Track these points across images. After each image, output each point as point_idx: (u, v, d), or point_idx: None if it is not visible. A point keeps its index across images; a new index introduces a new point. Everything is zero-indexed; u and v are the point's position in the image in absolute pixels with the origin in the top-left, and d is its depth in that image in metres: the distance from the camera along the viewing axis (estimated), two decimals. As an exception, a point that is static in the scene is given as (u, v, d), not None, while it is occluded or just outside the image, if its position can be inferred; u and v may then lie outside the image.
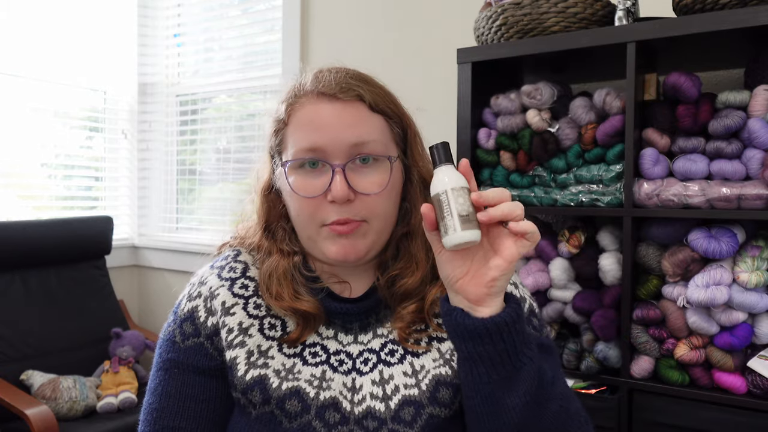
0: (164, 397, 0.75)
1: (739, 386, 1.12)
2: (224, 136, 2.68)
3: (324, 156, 0.72)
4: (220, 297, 0.77)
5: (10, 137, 2.41)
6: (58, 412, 1.88)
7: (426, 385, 0.74)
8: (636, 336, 1.21)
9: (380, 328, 0.78)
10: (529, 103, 1.34)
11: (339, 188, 0.70)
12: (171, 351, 0.77)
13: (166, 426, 0.74)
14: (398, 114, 0.77)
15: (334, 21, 2.15)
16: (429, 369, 0.75)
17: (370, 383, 0.74)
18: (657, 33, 1.15)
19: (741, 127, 1.13)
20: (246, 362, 0.73)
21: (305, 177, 0.73)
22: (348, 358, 0.76)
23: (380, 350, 0.77)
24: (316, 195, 0.72)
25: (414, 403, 0.73)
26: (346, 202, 0.71)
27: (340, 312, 0.77)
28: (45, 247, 2.25)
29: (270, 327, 0.76)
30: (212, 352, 0.76)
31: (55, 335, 2.19)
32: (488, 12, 1.37)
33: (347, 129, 0.71)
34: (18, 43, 2.40)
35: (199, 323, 0.77)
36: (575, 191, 1.30)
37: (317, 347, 0.76)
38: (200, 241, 2.63)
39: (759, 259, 1.12)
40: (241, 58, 2.57)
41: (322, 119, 0.72)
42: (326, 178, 0.72)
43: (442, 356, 0.76)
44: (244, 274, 0.79)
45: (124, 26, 2.74)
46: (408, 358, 0.76)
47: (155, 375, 0.78)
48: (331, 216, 0.72)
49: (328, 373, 0.74)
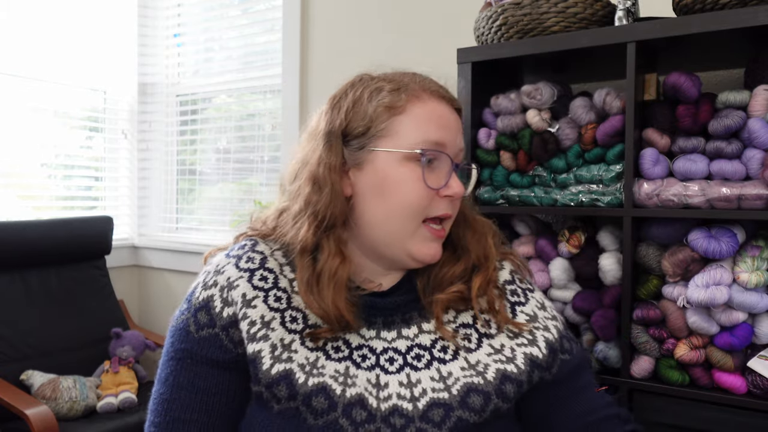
0: (176, 388, 0.73)
1: (739, 386, 1.12)
2: (224, 136, 2.68)
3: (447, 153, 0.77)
4: (240, 289, 0.74)
5: (10, 137, 2.41)
6: (58, 412, 1.89)
7: (457, 390, 0.73)
8: (636, 336, 1.21)
9: (405, 329, 0.78)
10: (529, 103, 1.34)
11: (459, 185, 0.76)
12: (185, 341, 0.75)
13: (177, 418, 0.72)
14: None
15: (334, 21, 2.15)
16: (458, 377, 0.75)
17: (397, 384, 0.73)
18: (657, 33, 1.15)
19: (741, 127, 1.13)
20: (270, 356, 0.71)
21: (427, 168, 0.75)
22: (371, 353, 0.75)
23: (406, 353, 0.76)
24: (439, 187, 0.75)
25: (443, 406, 0.72)
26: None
27: (364, 304, 0.76)
28: (45, 247, 2.25)
29: (291, 320, 0.74)
30: (227, 344, 0.73)
31: (55, 335, 2.19)
32: (488, 12, 1.37)
33: (459, 134, 0.79)
34: (18, 43, 2.40)
35: (214, 313, 0.74)
36: (575, 191, 1.30)
37: (339, 341, 0.75)
38: (200, 241, 2.64)
39: (759, 259, 1.12)
40: (241, 58, 2.57)
41: (447, 119, 0.77)
42: (442, 173, 0.76)
43: (473, 367, 0.76)
44: (263, 266, 0.77)
45: (124, 26, 2.75)
46: (435, 364, 0.75)
47: (166, 364, 0.76)
48: (441, 209, 0.76)
49: (352, 369, 0.73)
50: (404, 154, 0.74)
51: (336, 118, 0.77)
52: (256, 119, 2.57)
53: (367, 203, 0.76)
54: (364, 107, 0.76)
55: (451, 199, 0.77)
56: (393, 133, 0.75)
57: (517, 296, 0.84)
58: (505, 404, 0.76)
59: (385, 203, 0.75)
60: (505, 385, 0.75)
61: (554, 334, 0.82)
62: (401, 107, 0.75)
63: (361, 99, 0.77)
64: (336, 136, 0.77)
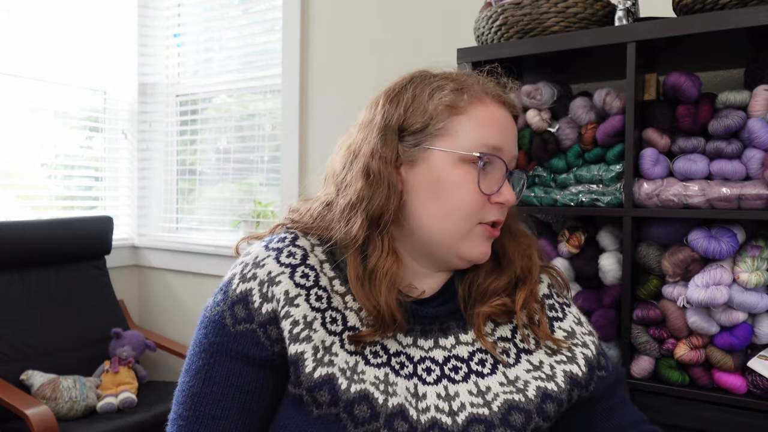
0: (207, 383, 0.70)
1: (739, 386, 1.12)
2: (224, 136, 2.68)
3: (504, 159, 0.76)
4: (282, 285, 0.71)
5: (10, 137, 2.41)
6: (58, 412, 1.89)
7: (498, 407, 0.72)
8: (636, 336, 1.21)
9: (442, 338, 0.76)
10: (529, 103, 1.34)
11: (512, 192, 0.76)
12: (219, 334, 0.71)
13: (206, 414, 0.69)
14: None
15: (334, 21, 2.15)
16: (497, 392, 0.73)
17: (435, 396, 0.72)
18: (657, 33, 1.15)
19: (741, 127, 1.13)
20: (313, 358, 0.69)
21: (482, 172, 0.74)
22: (408, 361, 0.73)
23: (443, 363, 0.74)
24: (492, 192, 0.74)
25: (484, 422, 0.71)
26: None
27: (405, 309, 0.74)
28: (45, 247, 2.25)
29: (332, 321, 0.72)
30: (264, 341, 0.70)
31: (55, 335, 2.19)
32: (488, 12, 1.37)
33: (515, 141, 0.78)
34: (18, 43, 2.40)
35: (253, 308, 0.71)
36: (575, 191, 1.30)
37: (377, 346, 0.73)
38: (200, 241, 2.64)
39: (759, 259, 1.12)
40: (241, 58, 2.57)
41: (505, 125, 0.76)
42: (495, 179, 0.75)
43: (512, 383, 0.75)
44: (304, 262, 0.74)
45: (124, 26, 2.74)
46: (472, 378, 0.74)
47: (198, 356, 0.72)
48: (491, 215, 0.75)
49: (391, 377, 0.71)
50: (461, 155, 0.73)
51: (394, 112, 0.75)
52: (256, 119, 2.57)
53: (420, 201, 0.75)
54: (424, 104, 0.75)
55: (501, 206, 0.76)
56: (452, 133, 0.74)
57: (555, 311, 0.83)
58: (546, 423, 0.74)
59: (437, 203, 0.74)
60: (546, 404, 0.74)
61: (593, 351, 0.81)
62: (462, 108, 0.74)
63: (422, 95, 0.75)
64: (392, 130, 0.75)
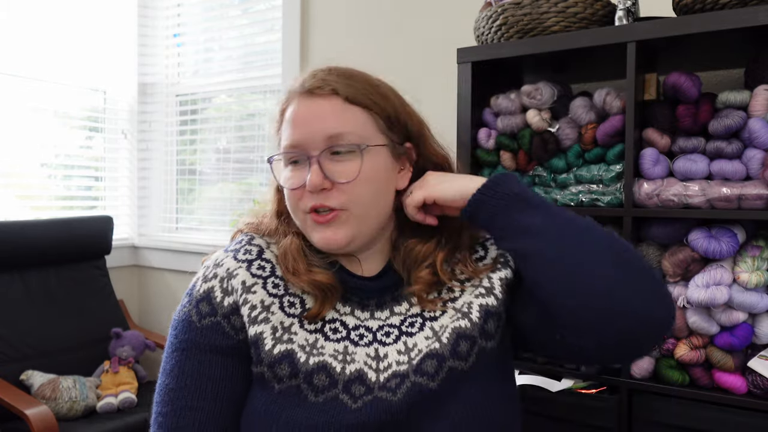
0: (181, 377, 0.75)
1: (739, 386, 1.12)
2: (224, 136, 2.68)
3: (304, 149, 0.77)
4: (239, 277, 0.77)
5: (10, 137, 2.41)
6: (58, 412, 1.89)
7: (447, 338, 0.77)
8: (636, 336, 1.21)
9: (397, 306, 0.81)
10: (529, 103, 1.34)
11: (313, 177, 0.75)
12: (187, 331, 0.77)
13: (185, 406, 0.74)
14: (379, 104, 0.80)
15: (334, 21, 2.15)
16: (447, 325, 0.78)
17: (396, 353, 0.77)
18: (657, 33, 1.15)
19: (741, 127, 1.13)
20: (272, 337, 0.75)
21: (292, 170, 0.79)
22: (368, 331, 0.79)
23: (400, 325, 0.79)
24: (299, 186, 0.77)
25: (436, 356, 0.75)
26: (322, 190, 0.75)
27: (356, 288, 0.81)
28: (45, 247, 2.25)
29: (290, 305, 0.78)
30: (229, 331, 0.76)
31: (55, 335, 2.19)
32: (488, 12, 1.37)
33: (321, 122, 0.76)
34: (18, 43, 2.40)
35: (215, 303, 0.77)
36: (575, 191, 1.30)
37: (337, 323, 0.78)
38: (200, 241, 2.64)
39: (759, 259, 1.12)
40: (241, 58, 2.57)
41: (300, 116, 0.78)
42: (307, 169, 0.77)
43: (458, 311, 0.79)
44: (260, 256, 0.81)
45: (124, 26, 2.74)
46: (428, 324, 0.79)
47: (170, 356, 0.77)
48: (309, 203, 0.76)
49: (350, 348, 0.76)
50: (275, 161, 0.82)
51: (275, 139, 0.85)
52: (256, 119, 2.57)
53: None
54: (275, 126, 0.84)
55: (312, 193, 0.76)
56: (279, 142, 0.82)
57: (484, 249, 0.87)
58: (490, 342, 0.79)
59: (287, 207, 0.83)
60: (488, 323, 0.79)
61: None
62: (279, 120, 0.82)
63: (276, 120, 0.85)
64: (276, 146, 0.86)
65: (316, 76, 0.79)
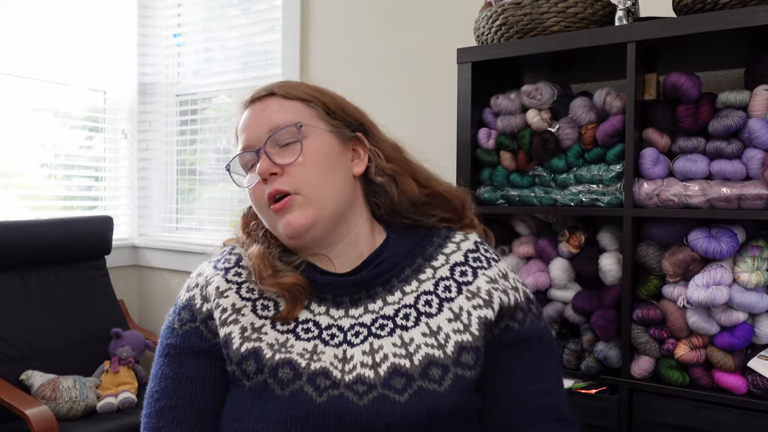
0: (162, 380, 0.79)
1: (739, 386, 1.12)
2: (224, 136, 2.68)
3: (252, 148, 0.82)
4: (214, 283, 0.82)
5: (10, 137, 2.41)
6: (58, 412, 1.89)
7: (419, 360, 0.76)
8: (636, 336, 1.21)
9: (371, 303, 0.81)
10: (529, 103, 1.34)
11: (261, 165, 0.79)
12: (170, 336, 0.81)
13: (164, 406, 0.77)
14: (316, 96, 0.84)
15: (334, 21, 2.15)
16: (419, 344, 0.78)
17: (361, 353, 0.77)
18: (657, 33, 1.15)
19: (741, 127, 1.13)
20: (240, 336, 0.77)
21: (249, 173, 0.84)
22: (339, 331, 0.79)
23: (371, 324, 0.79)
24: (255, 182, 0.81)
25: (405, 375, 0.75)
26: (272, 176, 0.79)
27: (327, 284, 0.81)
28: (45, 247, 2.25)
29: (263, 308, 0.80)
30: (207, 335, 0.80)
31: (55, 335, 2.19)
32: (488, 12, 1.37)
33: (262, 120, 0.82)
34: (18, 43, 2.40)
35: (195, 309, 0.81)
36: (575, 191, 1.30)
37: (309, 323, 0.80)
38: (200, 241, 2.64)
39: (759, 259, 1.12)
40: (241, 58, 2.57)
41: (245, 122, 0.84)
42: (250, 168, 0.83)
43: (432, 333, 0.79)
44: (238, 264, 0.84)
45: (124, 26, 2.74)
46: (398, 332, 0.79)
47: (156, 362, 0.82)
48: (265, 193, 0.80)
49: (320, 347, 0.77)
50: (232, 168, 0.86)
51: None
52: (256, 119, 2.56)
53: None
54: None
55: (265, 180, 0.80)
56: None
57: (479, 262, 0.86)
58: (468, 371, 0.77)
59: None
60: (462, 356, 0.78)
61: (511, 301, 0.82)
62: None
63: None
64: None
65: (256, 88, 0.86)
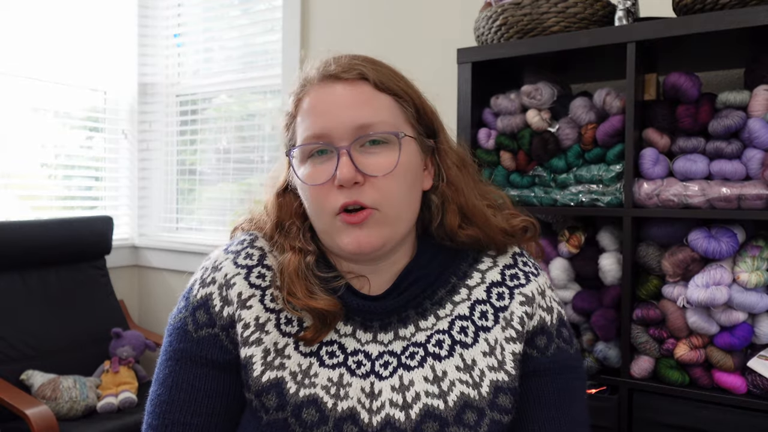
0: (175, 390, 0.71)
1: (739, 386, 1.12)
2: (224, 136, 2.68)
3: (330, 140, 0.69)
4: (237, 287, 0.72)
5: (10, 137, 2.41)
6: (58, 412, 1.88)
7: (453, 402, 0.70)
8: (636, 336, 1.21)
9: (402, 329, 0.74)
10: (529, 103, 1.34)
11: (345, 170, 0.66)
12: (183, 340, 0.72)
13: (176, 421, 0.70)
14: (409, 93, 0.74)
15: (334, 21, 2.15)
16: (453, 380, 0.71)
17: (390, 389, 0.70)
18: (657, 33, 1.15)
19: (741, 127, 1.13)
20: (262, 362, 0.70)
21: (314, 165, 0.70)
22: (366, 359, 0.72)
23: (401, 354, 0.73)
24: (325, 181, 0.68)
25: (438, 419, 0.69)
26: (354, 185, 0.67)
27: (360, 309, 0.73)
28: (45, 247, 2.25)
29: (287, 322, 0.72)
30: (227, 345, 0.71)
31: (55, 335, 2.19)
32: (488, 12, 1.37)
33: (351, 110, 0.69)
34: (18, 43, 2.40)
35: (214, 312, 0.72)
36: (575, 191, 1.30)
37: (334, 345, 0.72)
38: (200, 241, 2.64)
39: (759, 259, 1.12)
40: (241, 58, 2.57)
41: (325, 103, 0.70)
42: (333, 162, 0.68)
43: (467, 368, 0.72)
44: (261, 262, 0.74)
45: (124, 26, 2.74)
46: (429, 361, 0.72)
47: (165, 365, 0.73)
48: (340, 200, 0.68)
49: (346, 377, 0.70)
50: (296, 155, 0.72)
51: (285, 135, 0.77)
52: (256, 119, 2.57)
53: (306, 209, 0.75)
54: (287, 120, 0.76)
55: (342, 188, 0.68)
56: (294, 138, 0.74)
57: (517, 279, 0.78)
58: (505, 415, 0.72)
59: (307, 209, 0.74)
60: (499, 397, 0.72)
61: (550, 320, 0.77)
62: (296, 109, 0.74)
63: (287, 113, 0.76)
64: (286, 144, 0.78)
65: (339, 61, 0.72)
